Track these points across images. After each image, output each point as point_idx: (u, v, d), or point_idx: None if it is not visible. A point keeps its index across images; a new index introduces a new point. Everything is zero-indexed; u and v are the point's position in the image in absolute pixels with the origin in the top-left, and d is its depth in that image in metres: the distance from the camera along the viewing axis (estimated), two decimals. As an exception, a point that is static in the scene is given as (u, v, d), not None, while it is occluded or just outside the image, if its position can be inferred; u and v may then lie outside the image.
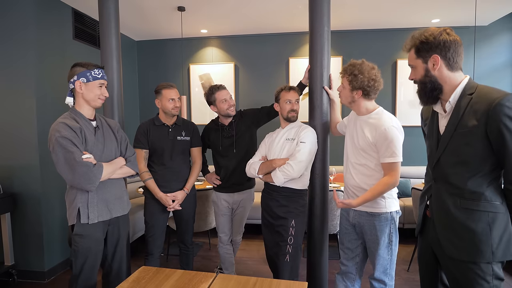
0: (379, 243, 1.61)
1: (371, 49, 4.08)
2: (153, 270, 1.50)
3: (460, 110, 1.16)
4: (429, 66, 1.20)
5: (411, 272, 2.83)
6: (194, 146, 2.29)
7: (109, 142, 1.73)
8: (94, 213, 1.63)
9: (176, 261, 3.10)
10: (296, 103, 1.97)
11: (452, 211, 1.18)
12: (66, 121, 1.58)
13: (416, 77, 1.26)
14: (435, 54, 1.18)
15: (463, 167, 1.15)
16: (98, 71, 1.66)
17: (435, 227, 1.25)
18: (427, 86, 1.22)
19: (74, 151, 1.52)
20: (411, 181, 3.91)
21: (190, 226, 2.32)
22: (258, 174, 1.96)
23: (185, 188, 2.22)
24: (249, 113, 2.31)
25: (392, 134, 1.52)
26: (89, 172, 1.52)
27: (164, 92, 2.15)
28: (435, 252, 1.29)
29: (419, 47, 1.21)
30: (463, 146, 1.15)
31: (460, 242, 1.17)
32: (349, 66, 1.66)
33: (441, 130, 1.24)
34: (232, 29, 4.06)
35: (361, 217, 1.66)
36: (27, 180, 2.71)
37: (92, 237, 1.64)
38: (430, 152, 1.30)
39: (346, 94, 1.68)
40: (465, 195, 1.16)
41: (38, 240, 2.73)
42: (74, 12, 3.18)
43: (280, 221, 1.93)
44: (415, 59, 1.24)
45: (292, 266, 1.91)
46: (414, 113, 4.07)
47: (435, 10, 3.45)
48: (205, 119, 4.35)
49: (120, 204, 1.77)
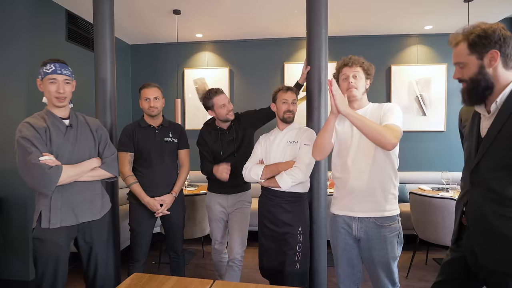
0: (390, 256, 1.51)
1: (365, 55, 4.01)
2: (146, 277, 1.42)
3: (507, 111, 1.08)
4: (485, 63, 1.10)
5: (410, 279, 2.79)
6: (181, 148, 2.22)
7: (83, 142, 1.63)
8: (56, 217, 1.53)
9: (169, 269, 3.00)
10: (293, 104, 1.93)
11: (490, 218, 1.10)
12: (31, 120, 1.52)
13: (466, 75, 1.14)
14: (494, 49, 1.08)
15: (505, 171, 1.08)
16: (50, 65, 1.53)
17: (471, 235, 1.18)
18: (480, 85, 1.11)
19: (32, 152, 1.44)
20: (407, 187, 3.89)
21: (179, 232, 2.23)
22: (261, 179, 1.87)
23: (173, 191, 2.14)
24: (246, 116, 2.26)
25: (396, 107, 1.52)
26: (43, 175, 1.42)
27: (142, 91, 2.10)
28: (469, 262, 1.21)
29: (476, 41, 1.10)
30: (507, 150, 1.07)
31: (497, 251, 1.09)
32: (353, 57, 1.61)
33: (483, 133, 1.16)
34: (227, 33, 4.05)
35: (369, 230, 1.52)
36: (13, 183, 2.60)
37: (52, 242, 1.53)
38: (468, 155, 1.22)
39: (362, 84, 1.59)
40: (504, 202, 1.08)
41: (24, 246, 2.61)
42: (68, 14, 3.13)
43: (286, 228, 1.85)
44: (467, 55, 1.12)
45: (303, 273, 1.84)
46: (409, 119, 4.08)
47: (428, 16, 3.50)
48: (198, 124, 4.30)
49: (90, 209, 1.65)
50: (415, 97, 4.08)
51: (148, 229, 2.15)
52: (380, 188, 1.51)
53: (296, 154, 1.85)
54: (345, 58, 1.61)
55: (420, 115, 4.09)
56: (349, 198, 1.56)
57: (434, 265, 3.06)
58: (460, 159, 1.32)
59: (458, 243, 1.27)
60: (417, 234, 2.90)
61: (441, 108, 4.05)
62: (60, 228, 1.55)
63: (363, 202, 1.52)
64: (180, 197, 2.23)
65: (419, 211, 2.80)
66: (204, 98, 2.18)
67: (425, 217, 2.73)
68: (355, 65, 1.57)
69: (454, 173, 3.28)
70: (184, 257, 2.31)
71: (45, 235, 1.53)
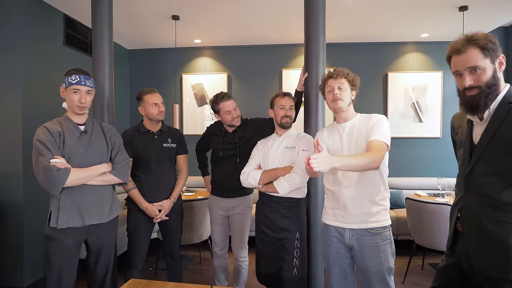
0: (383, 266, 1.49)
1: (362, 62, 4.15)
2: (143, 283, 1.41)
3: (499, 118, 1.10)
4: (496, 67, 1.11)
5: (406, 284, 2.79)
6: (180, 154, 2.23)
7: (96, 147, 1.69)
8: (64, 218, 1.59)
9: (166, 275, 2.98)
10: (290, 109, 1.94)
11: (484, 223, 1.10)
12: (47, 125, 1.62)
13: (481, 81, 1.11)
14: (502, 54, 1.10)
15: (498, 176, 1.09)
16: (75, 76, 1.63)
17: (465, 241, 1.18)
18: (496, 89, 1.10)
19: (45, 154, 1.52)
20: (404, 192, 3.91)
21: (177, 238, 2.22)
22: (259, 184, 1.88)
23: (172, 197, 2.13)
24: (255, 122, 2.25)
25: (384, 120, 1.53)
26: (51, 176, 1.50)
27: (147, 97, 2.09)
28: (464, 268, 1.21)
29: (488, 45, 1.09)
30: (500, 156, 1.09)
31: (491, 256, 1.10)
32: (338, 69, 1.61)
33: (476, 139, 1.18)
34: (226, 39, 4.08)
35: (360, 237, 1.51)
36: (8, 188, 2.58)
37: (59, 242, 1.59)
38: (462, 162, 1.24)
39: (347, 95, 1.60)
40: (499, 207, 1.08)
41: (19, 252, 2.57)
42: (66, 18, 3.14)
43: (284, 233, 1.85)
44: (483, 59, 1.10)
45: (300, 278, 1.84)
46: (405, 125, 4.12)
47: (424, 25, 3.56)
48: (196, 129, 4.31)
49: (98, 212, 1.68)
50: (412, 103, 4.12)
51: (146, 235, 2.14)
52: (370, 200, 1.52)
53: (294, 160, 1.86)
54: (330, 70, 1.63)
55: (417, 121, 4.12)
56: (340, 210, 1.56)
57: (430, 270, 3.06)
58: (456, 165, 1.33)
59: (453, 248, 1.28)
60: (413, 239, 2.91)
61: (437, 114, 4.09)
62: (68, 229, 1.60)
63: (354, 214, 1.53)
64: (179, 203, 2.22)
65: (415, 216, 2.81)
66: (212, 102, 2.20)
67: (421, 223, 2.75)
68: (339, 76, 1.59)
69: (449, 179, 3.30)
70: (181, 263, 2.29)
71: (53, 234, 1.60)
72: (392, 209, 3.78)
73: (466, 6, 3.07)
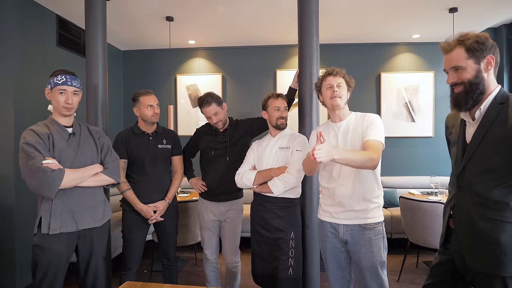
0: (376, 260, 1.53)
1: (356, 63, 4.19)
2: (138, 285, 1.41)
3: (490, 118, 1.13)
4: (482, 67, 1.15)
5: (401, 282, 2.82)
6: (175, 155, 2.22)
7: (86, 149, 1.65)
8: (56, 223, 1.53)
9: (161, 277, 2.96)
10: (285, 110, 1.95)
11: (475, 221, 1.14)
12: (34, 128, 1.56)
13: (463, 79, 1.16)
14: (491, 55, 1.14)
15: (489, 175, 1.12)
16: (61, 76, 1.58)
17: (458, 238, 1.21)
18: (478, 88, 1.14)
19: (36, 156, 1.46)
20: (397, 191, 3.95)
21: (172, 239, 2.21)
22: (254, 185, 1.88)
23: (167, 198, 2.13)
24: (244, 123, 2.26)
25: (378, 120, 1.55)
26: (46, 178, 1.44)
27: (142, 99, 2.08)
28: (457, 264, 1.24)
29: (474, 46, 1.14)
30: (491, 155, 1.12)
31: (482, 253, 1.13)
32: (336, 68, 1.63)
33: (468, 139, 1.21)
34: (220, 40, 4.08)
35: (354, 232, 1.55)
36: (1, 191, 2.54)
37: (52, 250, 1.53)
38: (455, 161, 1.27)
39: (345, 94, 1.61)
40: (490, 205, 1.12)
41: (9, 256, 2.54)
42: (59, 19, 3.11)
43: (279, 234, 1.86)
44: (465, 59, 1.15)
45: (296, 278, 1.84)
46: (398, 125, 4.17)
47: (415, 26, 3.61)
48: (191, 130, 4.28)
49: (91, 215, 1.64)
50: (404, 103, 4.17)
51: (141, 236, 2.13)
52: (364, 197, 1.55)
53: (288, 160, 1.87)
54: (329, 68, 1.65)
55: (409, 121, 4.17)
56: (335, 207, 1.60)
57: (424, 268, 3.10)
58: (448, 164, 1.36)
59: (446, 246, 1.31)
60: (407, 238, 2.94)
61: (429, 114, 4.14)
62: (60, 234, 1.55)
63: (348, 211, 1.56)
64: (174, 204, 2.22)
65: (409, 215, 2.84)
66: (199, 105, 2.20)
67: (415, 221, 2.78)
68: (339, 75, 1.61)
69: (442, 178, 3.35)
70: (177, 264, 2.29)
71: (44, 243, 1.53)
72: (386, 208, 3.81)
73: (456, 8, 3.13)
